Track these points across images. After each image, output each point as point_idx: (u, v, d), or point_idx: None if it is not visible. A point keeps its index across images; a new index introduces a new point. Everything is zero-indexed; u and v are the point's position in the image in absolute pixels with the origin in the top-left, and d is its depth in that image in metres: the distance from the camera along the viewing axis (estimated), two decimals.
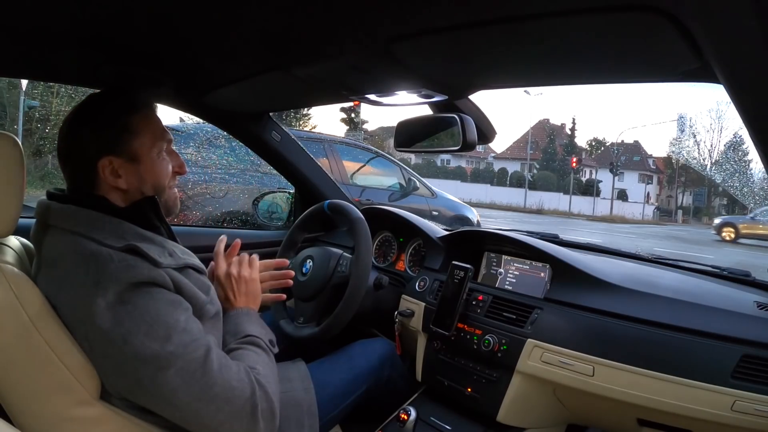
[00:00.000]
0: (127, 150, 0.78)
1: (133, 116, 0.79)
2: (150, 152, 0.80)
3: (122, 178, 0.78)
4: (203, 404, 0.68)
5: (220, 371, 0.69)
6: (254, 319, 0.89)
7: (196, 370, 0.68)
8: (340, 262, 1.23)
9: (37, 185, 7.40)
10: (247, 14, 0.68)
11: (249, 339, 0.83)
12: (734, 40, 0.47)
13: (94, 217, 0.74)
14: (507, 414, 1.03)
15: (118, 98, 0.81)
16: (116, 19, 0.72)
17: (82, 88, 1.31)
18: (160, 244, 0.75)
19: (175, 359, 0.66)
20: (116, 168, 0.77)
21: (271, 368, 0.81)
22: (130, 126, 0.78)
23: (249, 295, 0.93)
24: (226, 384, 0.69)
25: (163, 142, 0.82)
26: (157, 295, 0.69)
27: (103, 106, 0.81)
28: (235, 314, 0.88)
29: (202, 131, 3.26)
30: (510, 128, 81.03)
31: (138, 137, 0.78)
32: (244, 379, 0.72)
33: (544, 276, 1.15)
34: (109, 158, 0.76)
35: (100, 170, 0.76)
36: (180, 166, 0.86)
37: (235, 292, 0.91)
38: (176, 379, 0.66)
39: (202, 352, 0.69)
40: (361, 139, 13.23)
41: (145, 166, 0.79)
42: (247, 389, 0.71)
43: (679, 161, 29.82)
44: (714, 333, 0.89)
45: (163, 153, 0.82)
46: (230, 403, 0.69)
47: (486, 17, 0.60)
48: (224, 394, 0.69)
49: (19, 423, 0.68)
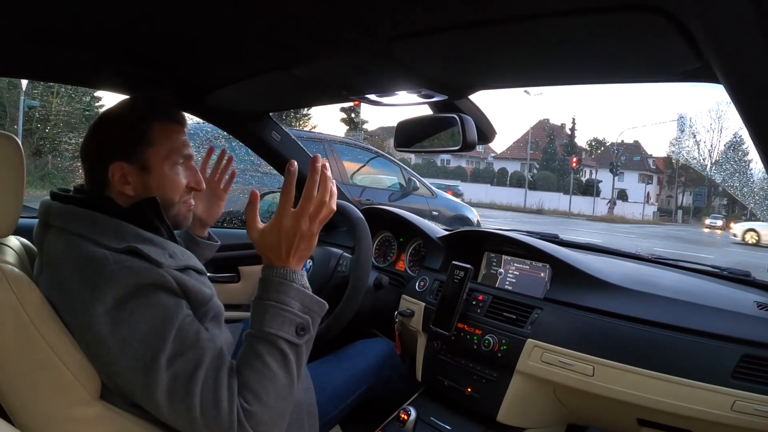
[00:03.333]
0: (140, 158, 0.77)
1: (152, 125, 0.79)
2: (162, 165, 0.79)
3: (130, 185, 0.77)
4: (194, 413, 0.65)
5: (200, 395, 0.64)
6: (292, 292, 0.71)
7: (188, 379, 0.65)
8: (340, 262, 1.23)
9: (37, 185, 7.40)
10: (247, 14, 0.68)
11: (266, 338, 0.69)
12: (734, 40, 0.47)
13: (95, 218, 0.73)
14: (507, 414, 1.03)
15: (143, 105, 0.81)
16: (116, 19, 0.72)
17: (82, 88, 1.31)
18: (160, 246, 0.75)
19: (170, 367, 0.65)
20: (126, 174, 0.77)
21: (275, 383, 0.69)
22: (146, 135, 0.78)
23: (305, 256, 0.76)
24: (213, 394, 0.65)
25: (179, 156, 0.81)
26: (155, 300, 0.68)
27: (127, 110, 0.81)
28: (277, 280, 0.71)
29: (202, 131, 3.27)
30: (510, 128, 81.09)
31: (152, 147, 0.78)
32: (225, 410, 0.65)
33: (544, 276, 1.15)
34: (121, 164, 0.76)
35: (110, 174, 0.76)
36: (197, 183, 0.84)
37: (295, 248, 0.73)
38: (170, 386, 0.65)
39: (193, 363, 0.65)
40: (361, 139, 13.24)
41: (154, 178, 0.79)
42: (225, 421, 0.65)
43: (679, 161, 29.85)
44: (714, 333, 0.89)
45: (178, 167, 0.81)
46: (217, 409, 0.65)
47: (486, 17, 0.60)
48: (213, 402, 0.65)
49: (19, 423, 0.68)
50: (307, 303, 0.72)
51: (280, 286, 0.71)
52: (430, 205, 4.55)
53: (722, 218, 22.46)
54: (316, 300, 0.74)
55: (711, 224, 21.38)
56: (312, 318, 0.72)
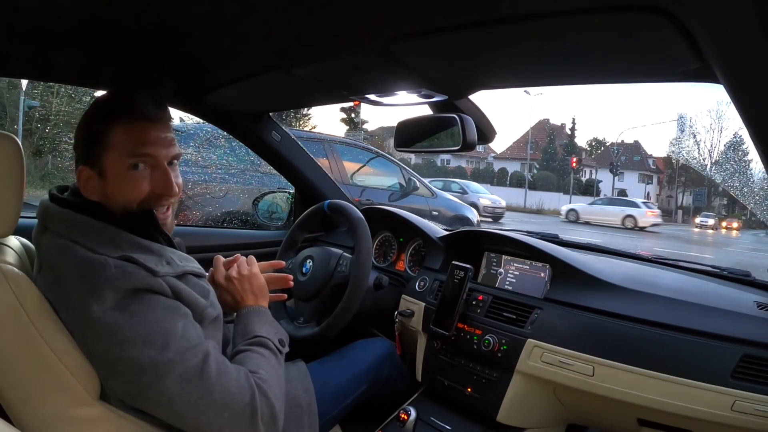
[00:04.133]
0: (98, 163, 0.73)
1: (110, 127, 0.72)
2: (118, 169, 0.72)
3: (91, 190, 0.74)
4: (201, 410, 0.67)
5: (218, 377, 0.69)
6: (264, 317, 0.87)
7: (193, 376, 0.67)
8: (340, 262, 1.23)
9: (37, 185, 7.39)
10: (247, 14, 0.68)
11: (257, 340, 0.82)
12: (734, 40, 0.47)
13: (89, 225, 0.72)
14: (507, 414, 1.03)
15: (103, 103, 0.76)
16: (116, 19, 0.72)
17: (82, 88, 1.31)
18: (157, 253, 0.74)
19: (173, 367, 0.66)
20: (87, 179, 0.74)
21: (276, 370, 0.79)
22: (104, 138, 0.72)
23: (256, 292, 0.90)
24: (224, 390, 0.69)
25: (142, 157, 0.73)
26: (154, 302, 0.68)
27: (90, 110, 0.76)
28: (246, 313, 0.87)
29: (202, 131, 3.27)
30: (510, 128, 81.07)
31: (110, 150, 0.72)
32: (243, 384, 0.71)
33: (544, 276, 1.15)
34: (85, 168, 0.74)
35: (77, 177, 0.75)
36: (165, 188, 0.74)
37: (241, 291, 0.89)
38: (174, 387, 0.66)
39: (199, 358, 0.68)
40: (361, 139, 13.25)
41: (109, 183, 0.73)
42: (246, 394, 0.70)
43: (679, 161, 29.82)
44: (714, 333, 0.89)
45: (140, 171, 0.73)
46: (229, 408, 0.69)
47: (486, 17, 0.60)
48: (222, 400, 0.68)
49: (18, 423, 0.68)
50: (277, 326, 0.89)
51: (257, 312, 0.88)
52: (430, 205, 4.56)
53: (714, 217, 22.34)
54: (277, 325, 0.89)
55: (702, 223, 21.19)
56: (283, 337, 0.87)
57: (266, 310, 0.90)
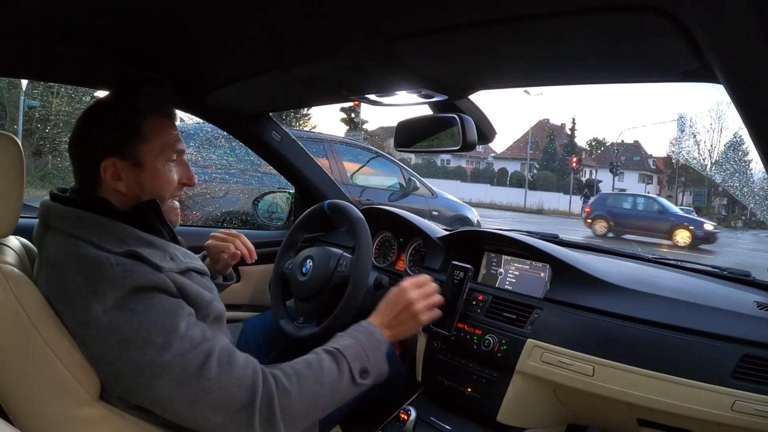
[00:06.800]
0: (133, 154, 0.76)
1: (145, 120, 0.77)
2: (155, 160, 0.78)
3: (123, 181, 0.76)
4: (198, 409, 0.67)
5: (218, 376, 0.68)
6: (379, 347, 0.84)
7: (191, 376, 0.66)
8: (340, 262, 1.23)
9: (37, 185, 7.39)
10: (247, 14, 0.68)
11: (332, 350, 0.80)
12: (734, 40, 0.47)
13: (95, 221, 0.73)
14: (507, 414, 1.03)
15: (133, 99, 0.79)
16: (117, 19, 0.72)
17: (82, 88, 1.31)
18: (161, 248, 0.74)
19: (171, 367, 0.65)
20: (118, 171, 0.75)
21: (317, 387, 0.75)
22: (140, 130, 0.76)
23: (401, 329, 0.91)
24: (223, 389, 0.68)
25: (172, 152, 0.80)
26: (157, 301, 0.68)
27: (117, 105, 0.79)
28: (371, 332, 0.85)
29: (202, 131, 3.27)
30: (510, 128, 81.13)
31: (146, 143, 0.76)
32: (246, 383, 0.69)
33: (544, 276, 1.15)
34: (113, 160, 0.75)
35: (102, 171, 0.75)
36: (189, 178, 0.83)
37: (398, 320, 0.90)
38: (172, 386, 0.65)
39: (201, 358, 0.67)
40: (361, 139, 13.24)
41: (147, 174, 0.77)
42: (245, 393, 0.68)
43: (679, 161, 29.85)
44: (714, 333, 0.89)
45: (171, 163, 0.80)
46: (227, 406, 0.68)
47: (486, 17, 0.60)
48: (221, 400, 0.67)
49: (18, 423, 0.68)
50: (379, 359, 0.84)
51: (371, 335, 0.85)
52: (430, 205, 4.56)
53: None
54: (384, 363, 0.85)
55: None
56: (371, 371, 0.82)
57: (385, 341, 0.87)
